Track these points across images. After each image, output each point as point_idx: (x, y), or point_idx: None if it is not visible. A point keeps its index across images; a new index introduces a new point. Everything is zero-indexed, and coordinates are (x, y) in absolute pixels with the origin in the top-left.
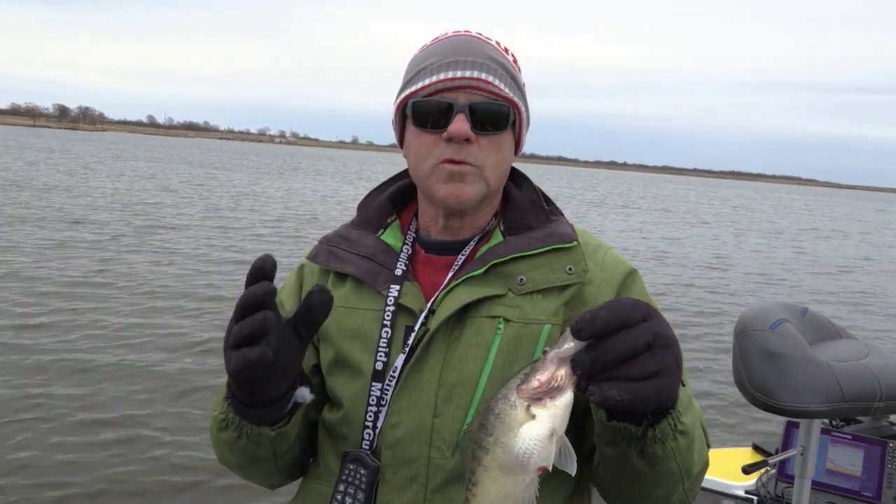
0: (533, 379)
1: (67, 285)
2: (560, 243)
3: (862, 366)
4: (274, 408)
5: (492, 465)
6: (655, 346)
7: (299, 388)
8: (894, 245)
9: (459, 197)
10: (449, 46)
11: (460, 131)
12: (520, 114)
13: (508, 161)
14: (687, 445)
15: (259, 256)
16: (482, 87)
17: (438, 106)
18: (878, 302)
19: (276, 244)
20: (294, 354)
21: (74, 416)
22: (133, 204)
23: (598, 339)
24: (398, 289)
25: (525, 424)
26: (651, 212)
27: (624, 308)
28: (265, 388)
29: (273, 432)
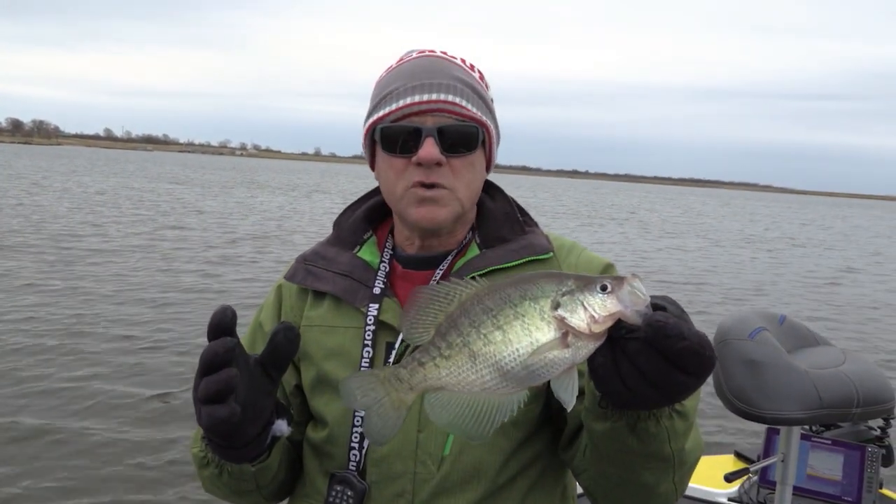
0: (586, 308)
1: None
2: (536, 255)
3: (840, 372)
4: (251, 448)
5: (484, 357)
6: (698, 375)
7: (276, 423)
8: (870, 250)
9: (433, 220)
10: (414, 69)
11: (430, 156)
12: (489, 132)
13: (480, 179)
14: (684, 429)
15: (217, 309)
16: (449, 109)
17: (406, 131)
18: (856, 307)
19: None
20: (265, 395)
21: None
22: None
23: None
24: (377, 306)
25: (551, 344)
26: (624, 222)
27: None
28: (239, 435)
29: (254, 468)
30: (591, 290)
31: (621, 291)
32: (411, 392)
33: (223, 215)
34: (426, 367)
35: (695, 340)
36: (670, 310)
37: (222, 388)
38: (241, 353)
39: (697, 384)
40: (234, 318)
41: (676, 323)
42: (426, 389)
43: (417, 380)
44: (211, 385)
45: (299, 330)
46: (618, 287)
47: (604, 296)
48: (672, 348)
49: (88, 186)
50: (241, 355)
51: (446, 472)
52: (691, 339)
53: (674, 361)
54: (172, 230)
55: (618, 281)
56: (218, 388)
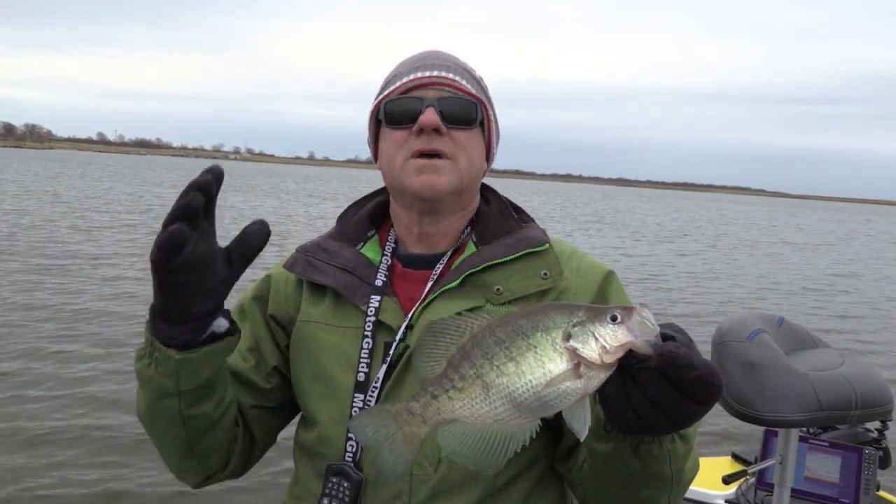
0: (597, 339)
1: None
2: (532, 247)
3: (838, 375)
4: (189, 328)
5: (497, 388)
6: (707, 403)
7: (218, 319)
8: (865, 254)
9: (433, 186)
10: (416, 56)
11: (430, 121)
12: (487, 114)
13: (481, 160)
14: (685, 452)
15: (209, 166)
16: (450, 83)
17: (409, 103)
18: (855, 310)
19: None
20: (219, 278)
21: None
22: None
23: (677, 364)
24: (378, 299)
25: (564, 376)
26: (620, 227)
27: (711, 365)
28: (180, 297)
29: (178, 356)
30: (601, 321)
31: (631, 321)
32: (424, 425)
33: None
34: (439, 399)
35: (705, 370)
36: (679, 339)
37: (171, 240)
38: (210, 224)
39: (705, 412)
40: (219, 180)
41: (687, 353)
42: (440, 422)
43: (431, 413)
44: (173, 211)
45: (296, 324)
46: (627, 317)
47: (614, 326)
48: (683, 378)
49: (80, 190)
50: (210, 226)
51: (443, 473)
52: (701, 369)
53: (684, 391)
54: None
55: (627, 311)
56: (182, 209)
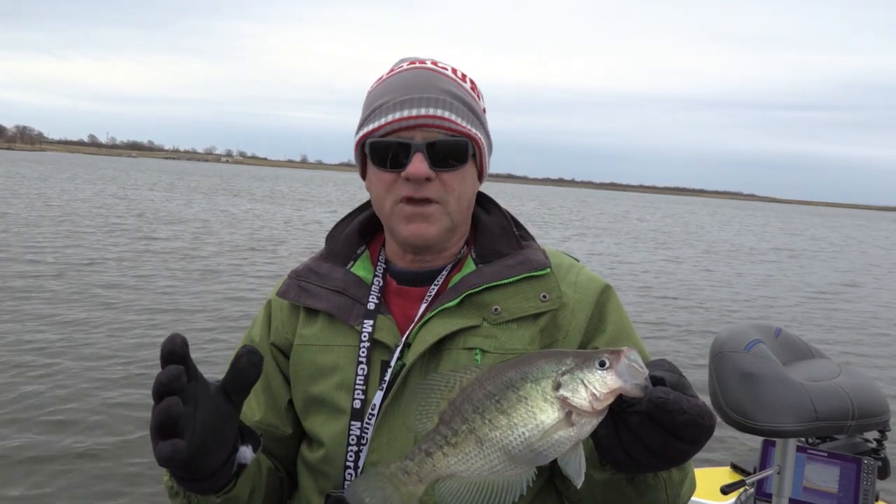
0: (586, 386)
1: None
2: (533, 271)
3: (835, 385)
4: (216, 479)
5: (490, 442)
6: (698, 443)
7: (241, 449)
8: (865, 261)
9: (423, 237)
10: (404, 82)
11: (419, 172)
12: (478, 145)
13: (472, 192)
14: (680, 479)
15: (167, 337)
16: (438, 124)
17: (395, 146)
18: (852, 319)
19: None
20: (227, 421)
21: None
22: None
23: (666, 409)
24: (371, 324)
25: (557, 426)
26: (618, 234)
27: (701, 407)
28: (200, 467)
29: (219, 499)
30: (589, 368)
31: (619, 366)
32: (420, 483)
33: (208, 223)
34: (434, 456)
35: (695, 413)
36: (668, 379)
37: (164, 418)
38: (199, 382)
39: (697, 450)
40: (185, 345)
41: (677, 398)
42: (435, 479)
43: (426, 471)
44: (154, 417)
45: (291, 348)
46: (615, 361)
47: (603, 372)
48: (673, 422)
49: (73, 193)
50: (199, 384)
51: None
52: (691, 413)
53: (674, 433)
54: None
55: (615, 355)
56: (160, 419)
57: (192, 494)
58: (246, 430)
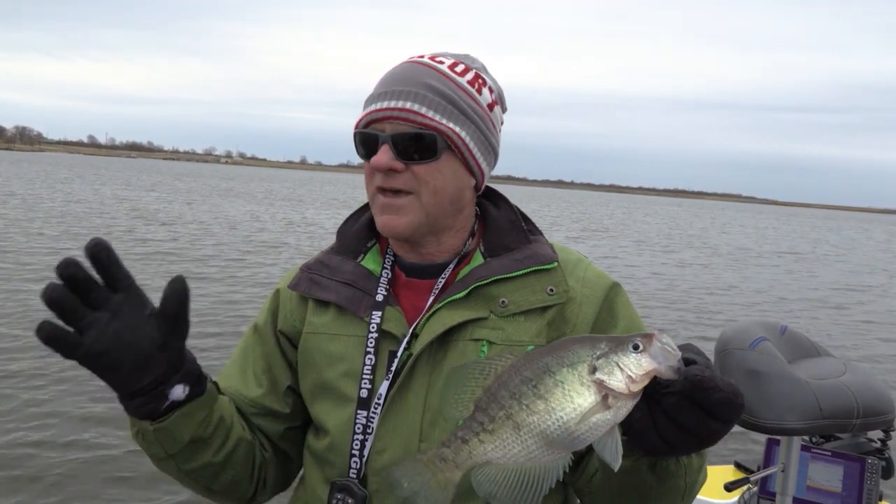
0: (622, 369)
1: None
2: (541, 265)
3: (840, 383)
4: (142, 401)
5: (528, 427)
6: (731, 421)
7: (174, 387)
8: (870, 262)
9: (393, 228)
10: (390, 75)
11: (380, 162)
12: (455, 138)
13: (453, 187)
14: (699, 466)
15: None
16: (404, 116)
17: (368, 138)
18: (856, 319)
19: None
20: (149, 347)
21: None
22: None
23: (704, 387)
24: (380, 314)
25: (594, 409)
26: (619, 236)
27: (733, 385)
28: (115, 377)
29: (151, 427)
30: (624, 351)
31: (653, 349)
32: (457, 470)
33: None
34: (470, 443)
35: (729, 391)
36: (699, 361)
37: (54, 307)
38: (129, 296)
39: (729, 429)
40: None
41: (712, 376)
42: (472, 466)
43: (462, 457)
44: (44, 296)
45: (302, 336)
46: (649, 344)
47: (637, 355)
48: (709, 400)
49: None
50: (130, 297)
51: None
52: (726, 390)
53: (710, 412)
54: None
55: (647, 338)
56: (50, 306)
57: (133, 420)
58: (195, 374)
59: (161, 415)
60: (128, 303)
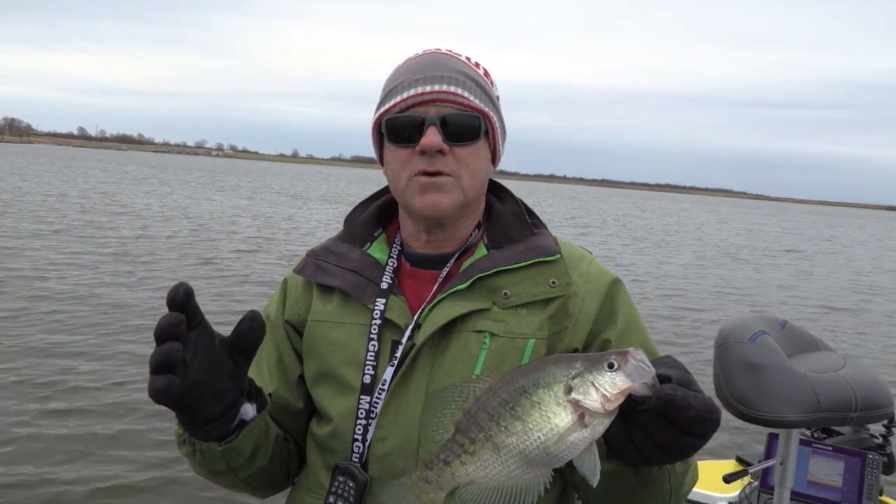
0: (597, 388)
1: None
2: (543, 256)
3: (838, 377)
4: (214, 426)
5: (507, 448)
6: (705, 437)
7: (244, 406)
8: (868, 258)
9: (437, 206)
10: (418, 64)
11: (432, 143)
12: (492, 124)
13: (485, 170)
14: (684, 470)
15: (174, 285)
16: (452, 99)
17: (411, 121)
18: (854, 315)
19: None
20: (225, 376)
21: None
22: None
23: (676, 406)
24: (384, 303)
25: (571, 428)
26: (616, 232)
27: (708, 402)
28: (195, 411)
29: (220, 448)
30: (599, 370)
31: (627, 367)
32: (441, 491)
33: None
34: (452, 465)
35: (702, 408)
36: (674, 376)
37: (162, 360)
38: (202, 332)
39: (703, 444)
40: (188, 294)
41: (685, 394)
42: (455, 486)
43: (445, 479)
44: (153, 357)
45: (307, 324)
46: (623, 363)
47: (612, 374)
48: (682, 418)
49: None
50: (203, 333)
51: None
52: (699, 408)
53: (683, 428)
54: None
55: (622, 356)
56: (157, 360)
57: (196, 441)
58: (254, 390)
59: (228, 435)
60: (203, 338)
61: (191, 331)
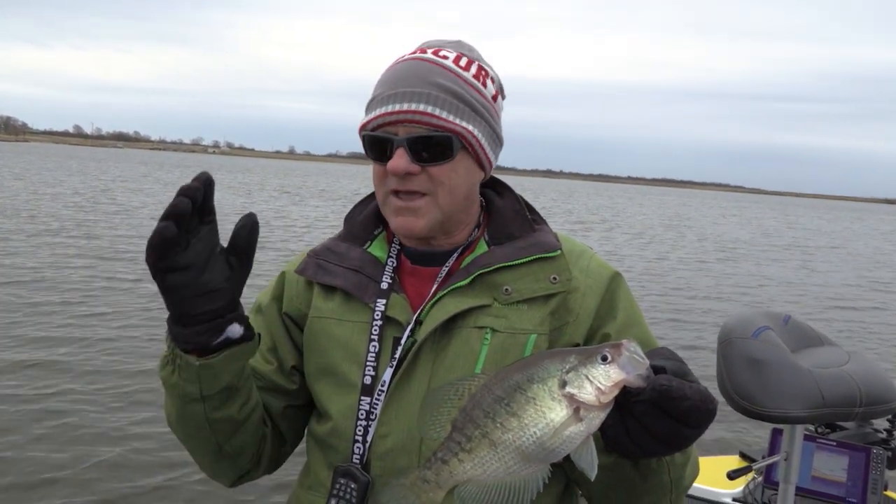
0: (591, 381)
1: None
2: (544, 252)
3: (843, 372)
4: (199, 330)
5: (504, 444)
6: (701, 427)
7: (232, 325)
8: (869, 252)
9: (411, 230)
10: (395, 75)
11: (397, 167)
12: (466, 139)
13: (467, 184)
14: (683, 462)
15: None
16: (419, 119)
17: (381, 141)
18: (859, 310)
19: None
20: (220, 278)
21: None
22: None
23: (670, 396)
24: (385, 301)
25: (567, 422)
26: (615, 228)
27: (703, 392)
28: (184, 297)
29: (198, 363)
30: (592, 363)
31: (621, 359)
32: (440, 490)
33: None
34: (450, 463)
35: (697, 398)
36: (669, 367)
37: (176, 214)
38: (211, 230)
39: (700, 434)
40: (206, 184)
41: (679, 385)
42: (454, 484)
43: (444, 478)
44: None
45: (308, 320)
46: (617, 355)
47: (606, 366)
48: (677, 408)
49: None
50: (210, 232)
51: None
52: (694, 398)
53: (679, 419)
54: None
55: (615, 348)
56: (172, 213)
57: (177, 353)
58: (243, 317)
59: (210, 351)
60: (209, 234)
61: (201, 225)
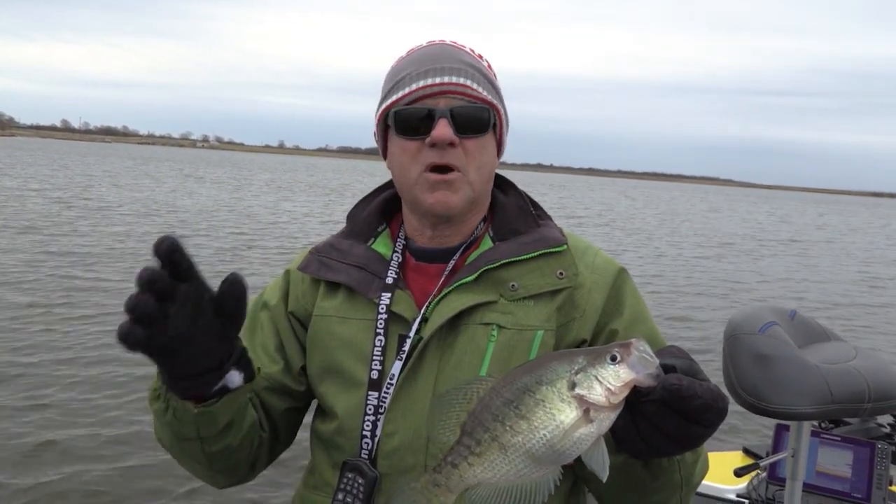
0: (601, 382)
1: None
2: (550, 247)
3: (850, 367)
4: (195, 383)
5: (514, 447)
6: (713, 425)
7: (231, 372)
8: (870, 248)
9: (447, 205)
10: (425, 55)
11: (444, 136)
12: (499, 115)
13: (492, 164)
14: (694, 460)
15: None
16: (461, 91)
17: (420, 113)
18: (861, 305)
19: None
20: (209, 335)
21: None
22: None
23: (681, 395)
24: (389, 297)
25: (577, 424)
26: (612, 224)
27: (714, 390)
28: (173, 363)
29: (195, 410)
30: (602, 364)
31: (630, 358)
32: (451, 494)
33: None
34: (460, 467)
35: (708, 397)
36: (679, 365)
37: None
38: (193, 286)
39: (711, 433)
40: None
41: (690, 384)
42: (465, 488)
43: (454, 482)
44: (126, 303)
45: (312, 319)
46: (626, 354)
47: (615, 366)
48: (688, 407)
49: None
50: (193, 287)
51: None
52: (705, 396)
53: (690, 418)
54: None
55: (624, 348)
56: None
57: (171, 396)
58: (245, 360)
59: (209, 397)
60: (193, 292)
61: (181, 283)
